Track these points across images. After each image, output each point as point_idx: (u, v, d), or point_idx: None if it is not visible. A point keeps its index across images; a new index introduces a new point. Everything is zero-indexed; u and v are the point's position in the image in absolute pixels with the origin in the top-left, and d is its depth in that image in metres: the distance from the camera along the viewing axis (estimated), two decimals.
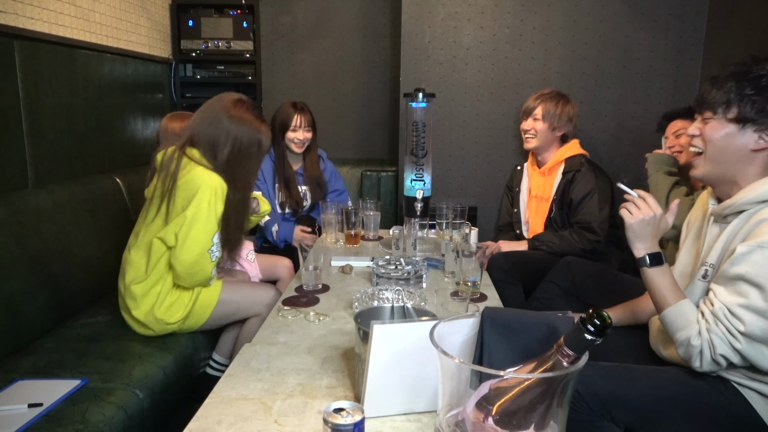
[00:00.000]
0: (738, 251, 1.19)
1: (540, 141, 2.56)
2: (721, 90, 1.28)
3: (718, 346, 1.18)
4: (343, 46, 3.51)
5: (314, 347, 1.40)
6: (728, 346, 1.17)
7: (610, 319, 0.76)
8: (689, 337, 1.22)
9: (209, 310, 1.87)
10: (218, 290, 1.89)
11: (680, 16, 2.81)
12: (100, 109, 2.53)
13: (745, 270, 1.17)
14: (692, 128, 1.35)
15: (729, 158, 1.29)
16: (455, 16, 2.91)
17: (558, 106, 2.57)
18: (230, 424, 1.06)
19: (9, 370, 1.64)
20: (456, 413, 0.84)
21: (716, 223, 1.36)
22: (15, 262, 1.82)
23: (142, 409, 1.59)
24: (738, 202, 1.27)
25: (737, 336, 1.16)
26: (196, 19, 3.32)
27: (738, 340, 1.16)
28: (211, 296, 1.87)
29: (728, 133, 1.28)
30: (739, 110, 1.26)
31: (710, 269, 1.32)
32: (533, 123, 2.56)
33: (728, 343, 1.17)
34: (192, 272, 1.76)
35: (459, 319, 1.05)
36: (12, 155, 2.02)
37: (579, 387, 1.21)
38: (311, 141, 2.72)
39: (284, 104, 2.70)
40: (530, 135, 2.58)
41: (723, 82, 1.29)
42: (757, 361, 1.17)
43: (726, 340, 1.17)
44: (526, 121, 2.61)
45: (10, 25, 2.00)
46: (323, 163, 2.85)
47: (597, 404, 1.22)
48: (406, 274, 1.75)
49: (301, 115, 2.66)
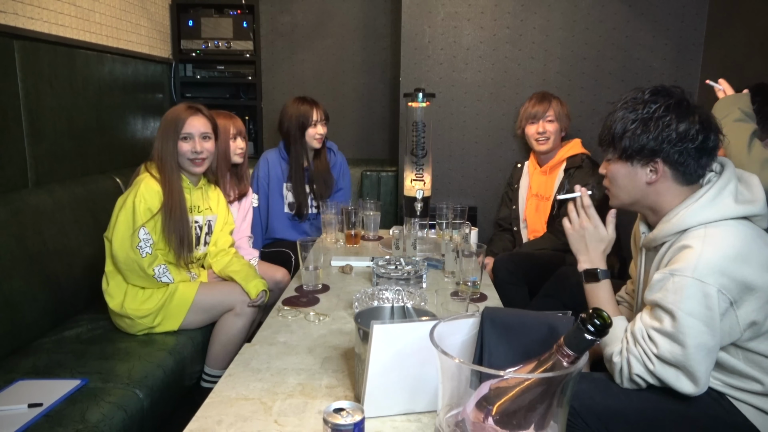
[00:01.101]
0: (655, 277, 1.21)
1: (553, 143, 2.58)
2: (606, 128, 1.31)
3: (633, 366, 1.21)
4: (343, 46, 3.51)
5: (314, 347, 1.40)
6: (643, 367, 1.20)
7: (610, 319, 0.76)
8: (611, 353, 1.26)
9: (185, 308, 1.91)
10: (194, 289, 1.93)
11: (680, 16, 2.81)
12: (100, 109, 2.53)
13: (659, 296, 1.19)
14: (601, 168, 1.37)
15: (636, 194, 1.32)
16: (455, 16, 2.91)
17: (561, 105, 2.61)
18: (230, 424, 1.06)
19: (9, 370, 1.64)
20: (456, 413, 0.84)
21: (649, 252, 1.38)
22: (15, 262, 1.82)
23: (142, 409, 1.59)
24: (659, 236, 1.29)
25: (651, 358, 1.19)
26: (196, 19, 3.32)
27: (652, 362, 1.19)
28: (187, 295, 1.92)
29: (624, 171, 1.30)
30: (624, 146, 1.27)
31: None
32: (547, 125, 2.57)
33: (643, 363, 1.20)
34: (127, 268, 1.86)
35: (459, 319, 1.05)
36: (12, 155, 2.02)
37: (575, 403, 1.19)
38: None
39: (293, 102, 2.67)
40: (544, 138, 2.57)
41: (608, 119, 1.31)
42: (672, 384, 1.17)
43: (641, 361, 1.20)
44: (535, 124, 2.59)
45: (10, 25, 2.00)
46: (334, 156, 2.84)
47: (594, 420, 1.20)
48: (406, 274, 1.75)
49: (318, 109, 2.66)
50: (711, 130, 1.24)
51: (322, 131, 2.67)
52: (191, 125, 1.94)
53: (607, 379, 1.29)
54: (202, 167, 1.99)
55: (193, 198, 2.03)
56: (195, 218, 2.03)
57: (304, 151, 2.70)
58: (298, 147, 2.68)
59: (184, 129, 1.93)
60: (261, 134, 3.50)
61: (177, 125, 1.93)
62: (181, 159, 1.95)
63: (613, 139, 1.29)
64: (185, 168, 1.97)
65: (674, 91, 1.26)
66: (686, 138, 1.22)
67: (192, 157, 1.95)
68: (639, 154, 1.26)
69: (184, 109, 1.96)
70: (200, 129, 1.96)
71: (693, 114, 1.23)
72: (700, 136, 1.22)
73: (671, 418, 1.22)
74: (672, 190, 1.28)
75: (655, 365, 1.18)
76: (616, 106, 1.30)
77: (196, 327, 1.98)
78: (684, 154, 1.23)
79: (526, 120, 2.64)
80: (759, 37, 2.37)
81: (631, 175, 1.30)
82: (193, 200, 2.03)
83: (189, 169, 1.98)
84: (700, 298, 1.13)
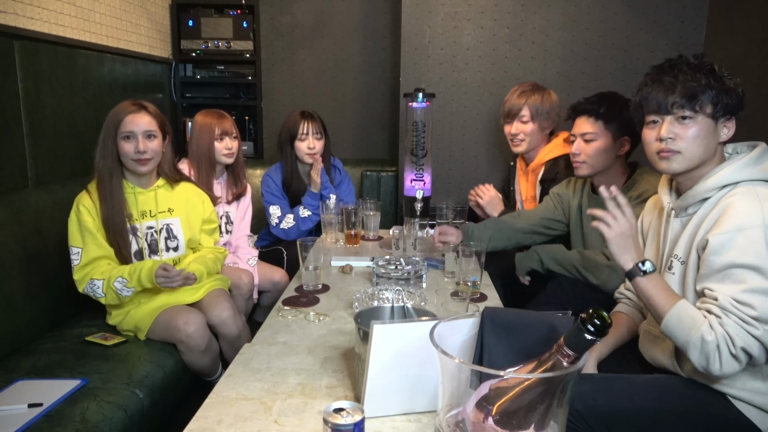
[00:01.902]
0: (714, 242, 1.17)
1: (530, 144, 2.39)
2: (680, 87, 1.28)
3: (735, 338, 1.11)
4: (343, 46, 3.51)
5: (314, 347, 1.40)
6: (746, 335, 1.11)
7: (610, 319, 0.76)
8: (701, 334, 1.14)
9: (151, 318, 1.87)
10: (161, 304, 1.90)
11: (680, 16, 2.81)
12: (100, 109, 2.53)
13: (734, 256, 1.15)
14: (668, 131, 1.30)
15: (710, 153, 1.29)
16: (455, 16, 2.91)
17: (543, 101, 2.37)
18: (230, 424, 1.06)
19: (9, 370, 1.64)
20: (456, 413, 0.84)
21: (677, 218, 1.36)
22: (15, 262, 1.82)
23: (142, 409, 1.59)
24: (700, 191, 1.28)
25: (752, 322, 1.11)
26: (196, 19, 3.32)
27: (754, 326, 1.11)
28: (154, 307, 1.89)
29: (709, 129, 1.28)
30: (715, 102, 1.27)
31: (676, 261, 1.31)
32: (521, 126, 2.37)
33: (745, 331, 1.11)
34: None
35: (459, 319, 1.05)
36: (12, 155, 2.02)
37: (577, 404, 1.18)
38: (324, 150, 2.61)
39: (291, 114, 2.64)
40: (518, 140, 2.39)
41: (675, 80, 1.30)
42: None
43: (742, 329, 1.11)
44: (510, 124, 2.40)
45: (10, 25, 2.00)
46: (339, 175, 2.76)
47: (597, 422, 1.20)
48: (406, 274, 1.75)
49: (309, 122, 2.55)
50: None
51: (312, 145, 2.55)
52: (133, 123, 1.81)
53: (608, 380, 1.29)
54: (147, 167, 1.86)
55: (140, 202, 1.90)
56: (147, 224, 1.91)
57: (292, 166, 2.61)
58: (288, 160, 2.61)
59: (126, 127, 1.81)
60: (261, 134, 3.50)
61: (117, 123, 1.81)
62: (124, 159, 1.84)
63: (694, 98, 1.26)
64: (129, 168, 1.86)
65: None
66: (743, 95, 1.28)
67: (135, 157, 1.82)
68: (728, 111, 1.27)
69: (127, 106, 1.84)
70: (143, 127, 1.82)
71: None
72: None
73: (673, 417, 1.22)
74: (720, 148, 1.31)
75: (759, 329, 1.11)
76: (671, 69, 1.31)
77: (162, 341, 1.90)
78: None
79: (503, 118, 2.46)
80: (759, 37, 2.37)
81: (714, 133, 1.28)
82: (141, 205, 1.91)
83: (134, 169, 1.85)
84: None
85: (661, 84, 1.30)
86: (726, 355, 1.12)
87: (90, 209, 1.82)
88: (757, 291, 1.12)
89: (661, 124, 1.30)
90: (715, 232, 1.18)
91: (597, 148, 1.91)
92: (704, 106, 1.26)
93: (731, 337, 1.12)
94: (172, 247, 1.97)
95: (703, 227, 1.25)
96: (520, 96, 2.38)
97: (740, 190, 1.22)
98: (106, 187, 1.83)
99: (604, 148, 1.91)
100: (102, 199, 1.83)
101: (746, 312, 1.12)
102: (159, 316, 1.85)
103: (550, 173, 2.34)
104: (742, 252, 1.14)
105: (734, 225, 1.16)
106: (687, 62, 1.30)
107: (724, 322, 1.13)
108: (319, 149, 2.59)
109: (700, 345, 1.14)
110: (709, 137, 1.28)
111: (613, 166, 1.94)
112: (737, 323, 1.12)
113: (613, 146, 1.91)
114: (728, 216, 1.18)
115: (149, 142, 1.85)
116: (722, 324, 1.13)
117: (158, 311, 1.86)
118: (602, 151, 1.91)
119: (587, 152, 1.93)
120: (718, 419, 1.22)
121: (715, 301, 1.16)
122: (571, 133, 1.99)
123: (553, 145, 2.38)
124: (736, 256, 1.14)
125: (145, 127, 1.84)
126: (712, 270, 1.18)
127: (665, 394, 1.24)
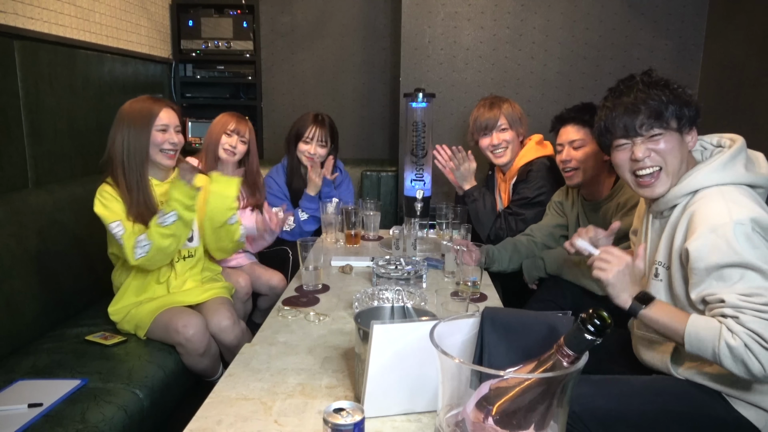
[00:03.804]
0: (693, 249, 1.18)
1: (512, 152, 2.37)
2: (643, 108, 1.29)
3: (760, 330, 1.08)
4: (343, 46, 3.51)
5: (314, 347, 1.40)
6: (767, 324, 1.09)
7: (611, 319, 0.76)
8: (725, 341, 1.10)
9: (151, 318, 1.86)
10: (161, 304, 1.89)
11: (680, 16, 2.81)
12: (100, 109, 2.53)
13: (716, 258, 1.15)
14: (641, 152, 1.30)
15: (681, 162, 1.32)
16: (455, 16, 2.91)
17: (513, 109, 2.37)
18: (230, 424, 1.06)
19: (9, 370, 1.64)
20: (456, 413, 0.84)
21: (656, 219, 1.38)
22: (15, 262, 1.82)
23: (142, 409, 1.59)
24: (672, 197, 1.30)
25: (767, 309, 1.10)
26: (196, 19, 3.32)
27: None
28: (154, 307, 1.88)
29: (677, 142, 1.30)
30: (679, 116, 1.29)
31: (661, 268, 1.32)
32: (501, 135, 2.35)
33: (765, 320, 1.09)
34: (143, 264, 1.84)
35: (459, 319, 1.05)
36: (12, 155, 2.02)
37: (575, 407, 1.17)
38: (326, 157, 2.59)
39: (307, 113, 2.63)
40: (502, 148, 2.36)
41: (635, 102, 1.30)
42: None
43: (762, 319, 1.09)
44: (488, 137, 2.36)
45: (10, 25, 2.00)
46: (341, 175, 2.76)
47: (595, 424, 1.19)
48: (406, 274, 1.75)
49: (318, 127, 2.54)
50: None
51: (313, 151, 2.55)
52: (168, 117, 1.87)
53: (606, 381, 1.29)
54: (173, 160, 1.91)
55: (158, 194, 1.92)
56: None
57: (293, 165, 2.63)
58: (291, 159, 2.63)
59: (162, 120, 1.85)
60: (261, 134, 3.50)
61: (151, 117, 1.84)
62: (153, 150, 1.85)
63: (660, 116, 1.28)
64: (156, 160, 1.87)
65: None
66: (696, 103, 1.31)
67: (168, 147, 1.87)
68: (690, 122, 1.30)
69: (153, 102, 1.88)
70: (175, 121, 1.90)
71: None
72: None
73: (672, 419, 1.22)
74: (689, 155, 1.34)
75: None
76: (628, 91, 1.31)
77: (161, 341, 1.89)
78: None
79: (478, 132, 2.39)
80: (759, 37, 2.37)
81: (682, 144, 1.31)
82: (160, 196, 1.92)
83: (161, 161, 1.88)
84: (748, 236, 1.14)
85: (624, 107, 1.31)
86: (760, 351, 1.08)
87: (115, 196, 1.83)
88: (755, 281, 1.12)
89: (633, 146, 1.32)
90: (691, 239, 1.20)
91: (587, 153, 1.96)
92: (670, 121, 1.28)
93: (755, 331, 1.08)
94: (188, 237, 1.97)
95: (678, 234, 1.26)
96: (492, 108, 2.36)
97: (703, 194, 1.25)
98: (134, 176, 1.84)
99: (593, 153, 1.94)
100: (129, 189, 1.83)
101: (758, 301, 1.10)
102: (159, 316, 1.85)
103: (522, 176, 2.34)
104: (722, 253, 1.15)
105: (706, 228, 1.18)
106: (642, 80, 1.32)
107: (742, 320, 1.10)
108: (320, 156, 2.58)
109: (729, 353, 1.10)
110: (681, 148, 1.31)
111: (600, 173, 1.98)
112: (756, 316, 1.09)
113: (599, 152, 1.92)
114: (698, 220, 1.21)
115: (178, 135, 1.92)
116: (741, 322, 1.10)
117: (158, 311, 1.86)
118: (591, 156, 1.95)
119: (578, 158, 1.97)
120: (716, 420, 1.22)
121: (723, 302, 1.14)
122: (558, 143, 2.03)
123: (527, 149, 2.38)
124: (719, 258, 1.15)
125: (176, 121, 1.92)
126: (702, 276, 1.18)
127: (663, 395, 1.24)
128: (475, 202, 2.33)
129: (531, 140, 2.42)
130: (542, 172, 2.29)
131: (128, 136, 1.84)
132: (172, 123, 1.89)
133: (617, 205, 1.91)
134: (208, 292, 2.01)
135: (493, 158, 2.40)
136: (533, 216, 2.25)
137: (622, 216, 1.85)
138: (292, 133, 2.62)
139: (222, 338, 1.91)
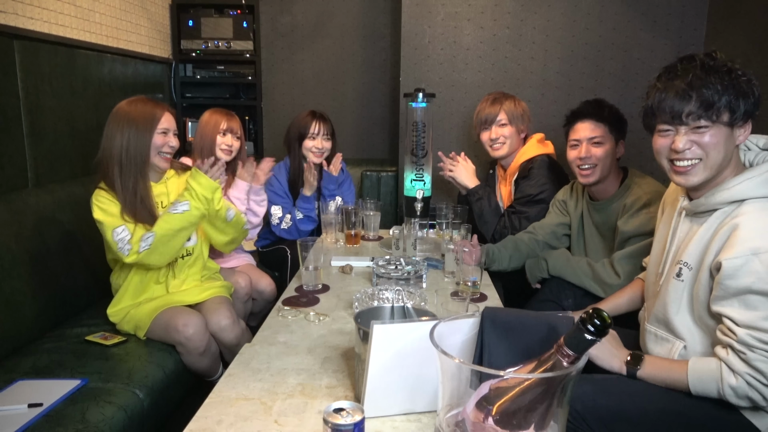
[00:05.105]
0: (728, 266, 1.13)
1: (510, 147, 2.40)
2: (695, 97, 1.19)
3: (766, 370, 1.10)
4: (343, 46, 3.51)
5: (314, 347, 1.40)
6: None
7: (611, 319, 0.76)
8: (726, 382, 1.13)
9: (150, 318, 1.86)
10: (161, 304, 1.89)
11: (680, 16, 2.81)
12: (100, 109, 2.53)
13: (749, 282, 1.11)
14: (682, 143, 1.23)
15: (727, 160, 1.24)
16: (455, 16, 2.91)
17: (516, 106, 2.40)
18: (230, 424, 1.06)
19: (9, 370, 1.64)
20: (456, 413, 0.84)
21: (688, 217, 1.32)
22: (15, 262, 1.82)
23: (142, 409, 1.59)
24: (713, 202, 1.24)
25: None
26: (196, 19, 3.32)
27: None
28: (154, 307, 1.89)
29: (725, 136, 1.22)
30: (734, 108, 1.18)
31: (685, 268, 1.27)
32: (500, 130, 2.38)
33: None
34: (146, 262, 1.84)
35: (459, 319, 1.05)
36: (12, 155, 2.02)
37: (577, 405, 1.18)
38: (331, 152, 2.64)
39: (301, 113, 2.66)
40: (500, 143, 2.39)
41: (688, 89, 1.20)
42: None
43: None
44: (488, 131, 2.40)
45: (10, 25, 2.00)
46: (342, 174, 2.77)
47: (597, 423, 1.19)
48: (406, 274, 1.74)
49: (320, 122, 2.60)
50: None
51: (320, 145, 2.60)
52: (168, 120, 1.90)
53: (608, 380, 1.29)
54: (169, 163, 1.96)
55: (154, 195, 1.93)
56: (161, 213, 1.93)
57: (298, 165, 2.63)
58: (295, 159, 2.64)
59: (164, 124, 1.88)
60: (261, 134, 3.50)
61: (154, 120, 1.86)
62: (152, 152, 1.87)
63: (710, 107, 1.18)
64: (153, 163, 1.89)
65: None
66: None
67: (167, 150, 1.90)
68: (745, 116, 1.20)
69: (155, 104, 1.90)
70: (174, 125, 1.93)
71: None
72: None
73: (673, 419, 1.22)
74: (735, 150, 1.24)
75: None
76: (684, 73, 1.20)
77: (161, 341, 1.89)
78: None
79: (479, 126, 2.45)
80: (759, 37, 2.37)
81: (730, 139, 1.21)
82: (156, 197, 1.93)
83: (158, 164, 1.91)
84: None
85: (674, 91, 1.21)
86: (762, 387, 1.11)
87: (111, 199, 1.83)
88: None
89: (675, 134, 1.24)
90: (728, 256, 1.14)
91: (606, 151, 1.91)
92: (721, 113, 1.19)
93: (760, 370, 1.10)
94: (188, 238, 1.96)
95: (715, 243, 1.20)
96: (493, 103, 2.41)
97: (751, 208, 1.17)
98: (130, 177, 1.85)
99: (611, 150, 1.92)
100: (123, 189, 1.83)
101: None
102: (158, 316, 1.85)
103: (523, 172, 2.36)
104: (758, 278, 1.10)
105: (748, 248, 1.12)
106: (702, 63, 1.20)
107: (750, 358, 1.11)
108: (327, 150, 2.63)
109: (733, 393, 1.14)
110: (727, 143, 1.22)
111: (611, 172, 1.96)
112: (765, 356, 1.11)
113: (614, 150, 1.92)
114: (741, 236, 1.14)
115: (176, 139, 1.94)
116: (748, 360, 1.11)
117: (158, 311, 1.86)
118: (609, 154, 1.92)
119: (598, 155, 1.91)
120: (718, 420, 1.22)
121: (735, 336, 1.13)
122: (574, 138, 1.98)
123: (528, 147, 2.41)
124: (752, 282, 1.11)
125: (175, 125, 1.95)
126: (728, 293, 1.15)
127: (665, 394, 1.24)
128: (480, 201, 2.35)
129: (533, 138, 2.45)
130: (543, 169, 2.32)
131: (129, 136, 1.84)
132: (172, 127, 1.93)
133: (623, 206, 1.90)
134: (208, 291, 2.01)
135: (491, 151, 2.45)
136: (536, 213, 2.26)
137: (628, 218, 1.85)
138: (292, 134, 2.63)
139: (222, 337, 1.91)
